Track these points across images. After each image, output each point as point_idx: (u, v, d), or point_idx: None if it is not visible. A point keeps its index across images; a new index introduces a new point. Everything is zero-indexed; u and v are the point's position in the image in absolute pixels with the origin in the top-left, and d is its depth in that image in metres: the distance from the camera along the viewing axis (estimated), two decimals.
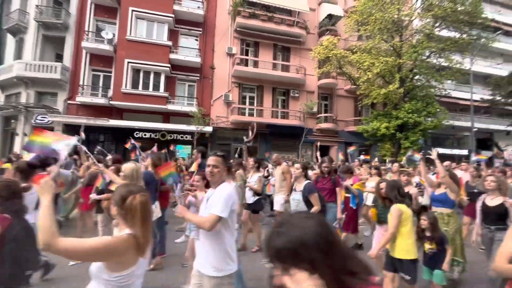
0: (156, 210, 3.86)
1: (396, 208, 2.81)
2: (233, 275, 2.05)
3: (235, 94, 16.57)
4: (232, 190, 2.06)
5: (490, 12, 17.98)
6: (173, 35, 15.65)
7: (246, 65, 16.76)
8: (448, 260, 3.07)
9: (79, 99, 13.81)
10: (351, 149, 11.00)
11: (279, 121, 16.57)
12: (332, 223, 4.23)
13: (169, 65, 14.78)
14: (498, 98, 19.65)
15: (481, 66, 20.90)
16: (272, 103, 17.19)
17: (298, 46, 17.80)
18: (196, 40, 16.50)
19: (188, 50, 15.82)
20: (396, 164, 6.42)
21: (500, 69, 21.45)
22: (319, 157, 6.12)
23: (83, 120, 13.48)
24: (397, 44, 13.83)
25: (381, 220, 3.53)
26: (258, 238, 5.00)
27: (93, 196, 3.97)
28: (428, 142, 19.22)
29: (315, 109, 17.40)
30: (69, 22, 14.57)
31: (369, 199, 5.59)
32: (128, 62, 14.11)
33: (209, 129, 15.02)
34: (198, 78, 16.03)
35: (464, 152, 19.72)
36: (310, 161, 12.28)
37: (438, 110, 14.04)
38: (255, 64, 16.91)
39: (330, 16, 17.99)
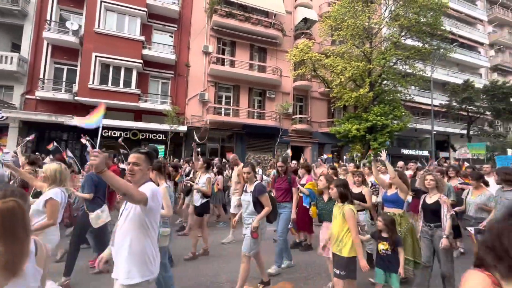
0: (103, 214, 3.64)
1: (351, 209, 2.77)
2: (152, 281, 1.88)
3: (211, 93, 16.33)
4: (157, 190, 1.87)
5: (448, 25, 19.65)
6: (146, 30, 15.02)
7: (223, 64, 16.60)
8: (403, 264, 3.08)
9: (39, 93, 12.70)
10: (325, 155, 11.37)
11: (255, 121, 16.63)
12: (286, 223, 4.17)
13: (141, 61, 14.16)
14: (454, 103, 21.53)
15: (440, 74, 22.78)
16: (248, 103, 17.21)
17: (275, 48, 18.03)
18: (171, 36, 16.00)
19: (162, 47, 15.28)
20: (351, 164, 6.60)
21: (456, 78, 23.53)
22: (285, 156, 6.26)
23: (43, 117, 12.43)
24: (368, 50, 14.57)
25: (322, 218, 3.57)
26: (204, 242, 4.73)
27: None
28: (394, 144, 20.52)
29: (290, 110, 17.73)
30: (28, 10, 13.34)
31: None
32: (96, 56, 13.27)
33: (183, 128, 14.64)
34: (172, 75, 15.55)
35: (425, 153, 21.34)
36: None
37: (403, 113, 15.00)
38: (232, 63, 16.81)
39: (305, 20, 18.46)
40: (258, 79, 16.95)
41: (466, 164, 9.01)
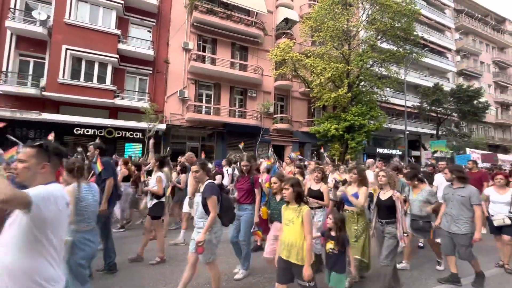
0: None
1: (308, 211, 2.50)
2: None
3: (191, 91, 15.99)
4: (56, 192, 1.41)
5: (420, 31, 20.73)
6: (122, 23, 14.37)
7: (203, 61, 16.31)
8: (353, 264, 3.02)
9: (2, 87, 11.70)
10: (292, 154, 11.49)
11: (237, 120, 16.53)
12: (248, 227, 3.73)
13: (117, 56, 13.52)
14: (425, 105, 22.77)
15: (413, 77, 23.99)
16: (229, 102, 17.06)
17: (256, 47, 18.01)
18: (149, 31, 15.44)
19: (139, 41, 14.70)
20: (312, 162, 6.48)
21: (426, 81, 24.92)
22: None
23: (6, 113, 11.48)
24: (346, 51, 14.99)
25: (273, 219, 3.37)
26: (160, 248, 4.24)
27: None
28: (371, 143, 21.32)
29: (271, 110, 17.82)
30: None
31: None
32: (67, 49, 12.48)
33: (162, 126, 14.20)
34: (150, 72, 15.02)
35: (399, 152, 22.41)
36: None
37: (379, 114, 15.62)
38: (213, 61, 16.56)
39: (286, 20, 18.62)
40: (240, 77, 16.84)
41: (440, 162, 9.53)
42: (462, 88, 22.52)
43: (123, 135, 13.89)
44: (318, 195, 3.94)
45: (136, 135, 13.91)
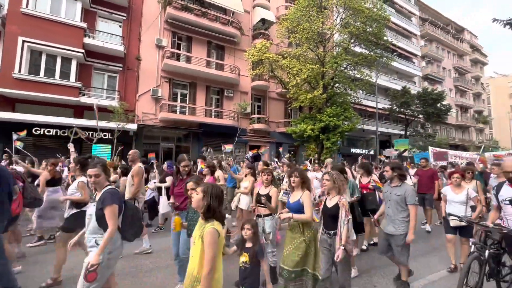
0: None
1: (214, 230, 1.78)
2: None
3: (165, 90, 15.38)
4: None
5: (389, 37, 21.80)
6: (89, 16, 13.47)
7: (178, 59, 15.77)
8: (269, 280, 2.68)
9: None
10: (250, 152, 11.53)
11: (213, 120, 16.18)
12: (188, 240, 2.91)
13: (82, 51, 12.61)
14: (394, 107, 23.97)
15: (383, 80, 25.17)
16: (205, 102, 16.67)
17: (233, 46, 17.80)
18: (120, 26, 14.62)
19: (108, 36, 13.85)
20: (260, 163, 5.95)
21: (395, 84, 26.28)
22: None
23: None
24: (321, 53, 15.29)
25: (190, 232, 2.77)
26: (57, 269, 3.42)
27: None
28: (345, 143, 22.00)
29: (248, 110, 17.70)
30: None
31: (242, 201, 4.89)
32: (24, 41, 11.40)
33: (133, 126, 13.49)
34: (121, 69, 14.22)
35: (371, 152, 23.36)
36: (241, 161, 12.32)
37: (352, 115, 16.12)
38: (188, 59, 16.08)
39: (263, 21, 18.63)
40: (216, 77, 16.53)
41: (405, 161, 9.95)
42: (427, 92, 24.01)
43: (90, 136, 12.97)
44: (267, 200, 3.49)
45: (105, 135, 13.05)
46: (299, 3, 15.16)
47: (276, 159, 12.25)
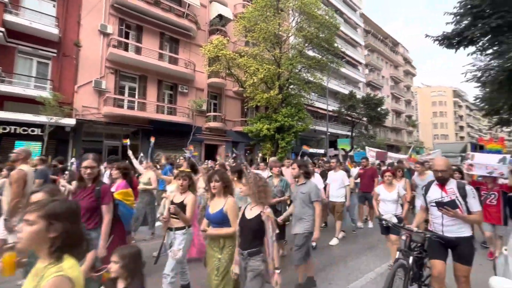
0: None
1: (56, 281, 1.03)
2: None
3: (110, 82, 13.90)
4: None
5: (339, 44, 23.45)
6: None
7: (126, 49, 14.41)
8: None
9: None
10: (188, 149, 11.29)
11: (165, 117, 15.23)
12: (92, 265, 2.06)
13: (2, 29, 10.59)
14: (342, 110, 25.89)
15: (333, 84, 26.98)
16: (157, 97, 15.59)
17: (188, 40, 17.02)
18: (54, 6, 12.70)
19: (39, 16, 11.90)
20: (185, 163, 5.06)
21: (344, 89, 28.43)
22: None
23: None
24: (277, 54, 15.61)
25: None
26: None
27: None
28: (298, 143, 22.94)
29: (204, 107, 17.15)
30: None
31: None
32: None
33: (70, 121, 11.88)
34: (54, 54, 12.37)
35: (321, 151, 24.83)
36: (198, 161, 11.86)
37: (306, 116, 16.85)
38: (138, 50, 14.82)
39: (220, 17, 18.24)
40: (169, 71, 15.58)
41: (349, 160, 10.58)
42: (369, 97, 26.53)
43: (13, 131, 11.01)
44: (181, 208, 2.86)
45: (33, 130, 11.22)
46: (256, 3, 15.23)
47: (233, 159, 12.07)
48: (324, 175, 6.15)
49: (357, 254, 4.78)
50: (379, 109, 26.06)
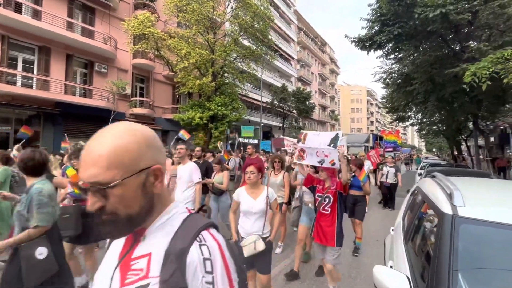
0: None
1: None
2: None
3: None
4: None
5: (273, 37, 24.12)
6: None
7: (19, 11, 11.49)
8: None
9: None
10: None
11: (77, 99, 12.97)
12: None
13: None
14: (275, 102, 27.03)
15: (267, 76, 27.79)
16: (66, 75, 13.10)
17: (107, 12, 14.72)
18: None
19: None
20: (71, 150, 4.41)
21: (277, 81, 29.62)
22: None
23: None
24: (211, 40, 14.98)
25: None
26: None
27: None
28: (237, 134, 22.96)
29: (128, 91, 15.30)
30: None
31: None
32: None
33: None
34: None
35: (255, 141, 25.53)
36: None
37: (240, 106, 16.86)
38: (37, 14, 12.01)
39: None
40: (82, 45, 13.21)
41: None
42: (299, 91, 28.41)
43: None
44: None
45: None
46: None
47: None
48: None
49: None
50: (307, 102, 28.18)
